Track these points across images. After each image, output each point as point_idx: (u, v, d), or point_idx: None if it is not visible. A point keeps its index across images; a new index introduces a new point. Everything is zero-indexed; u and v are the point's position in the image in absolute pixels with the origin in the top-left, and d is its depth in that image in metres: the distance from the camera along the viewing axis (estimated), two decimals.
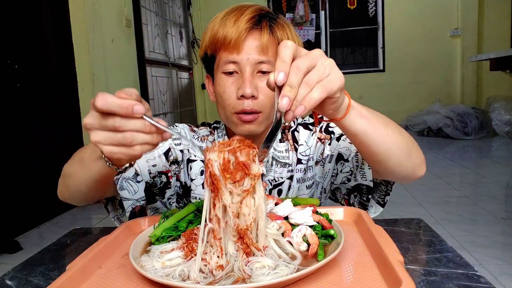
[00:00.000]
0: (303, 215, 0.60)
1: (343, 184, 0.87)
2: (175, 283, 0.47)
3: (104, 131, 0.50)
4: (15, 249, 2.30)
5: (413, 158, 0.70)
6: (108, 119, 0.49)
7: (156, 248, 0.58)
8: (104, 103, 0.48)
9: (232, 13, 0.79)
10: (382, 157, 0.67)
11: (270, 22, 0.80)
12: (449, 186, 3.19)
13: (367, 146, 0.65)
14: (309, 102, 0.49)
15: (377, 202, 0.85)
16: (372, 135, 0.63)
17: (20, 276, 0.59)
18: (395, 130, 0.67)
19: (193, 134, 0.93)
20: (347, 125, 0.61)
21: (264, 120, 0.81)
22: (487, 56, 3.37)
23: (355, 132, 0.62)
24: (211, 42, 0.80)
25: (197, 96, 6.10)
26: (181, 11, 5.70)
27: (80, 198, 0.74)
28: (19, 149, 2.68)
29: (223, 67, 0.79)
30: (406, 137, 0.69)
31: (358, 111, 0.61)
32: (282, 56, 0.49)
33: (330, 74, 0.51)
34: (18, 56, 2.69)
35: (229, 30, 0.77)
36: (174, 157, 0.88)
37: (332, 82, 0.51)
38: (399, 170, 0.70)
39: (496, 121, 5.36)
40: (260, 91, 0.78)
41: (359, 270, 0.51)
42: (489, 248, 2.00)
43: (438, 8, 6.04)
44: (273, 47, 0.80)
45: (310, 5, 6.12)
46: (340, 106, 0.57)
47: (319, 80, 0.50)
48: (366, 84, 6.28)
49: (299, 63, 0.49)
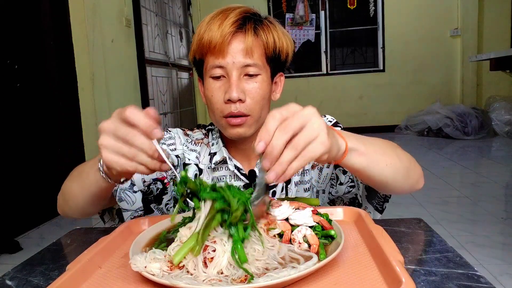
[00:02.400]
0: (303, 216, 0.60)
1: (346, 194, 0.87)
2: (175, 283, 0.47)
3: (114, 138, 0.53)
4: (15, 249, 2.30)
5: (412, 178, 0.72)
6: (126, 128, 0.52)
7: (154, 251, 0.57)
8: (132, 113, 0.52)
9: (217, 17, 0.78)
10: (382, 184, 0.69)
11: (255, 24, 0.79)
12: (449, 186, 3.19)
13: (367, 178, 0.67)
14: (289, 171, 0.50)
15: (375, 208, 0.86)
16: (372, 170, 0.64)
17: (20, 276, 0.58)
18: (394, 157, 0.68)
19: (186, 138, 0.92)
20: (347, 165, 0.62)
21: (253, 123, 0.81)
22: (487, 56, 3.36)
23: (354, 169, 0.64)
24: (198, 47, 0.80)
25: (197, 96, 6.10)
26: (181, 11, 5.70)
27: (79, 212, 0.76)
28: (19, 149, 2.68)
29: (210, 72, 0.79)
30: (404, 160, 0.70)
31: (357, 151, 0.61)
32: (267, 125, 0.50)
33: (314, 140, 0.51)
34: (18, 56, 2.69)
35: (213, 35, 0.76)
36: (170, 163, 0.88)
37: (313, 150, 0.51)
38: (398, 190, 0.73)
39: (496, 121, 5.36)
40: (248, 94, 0.78)
41: (359, 270, 0.51)
42: (489, 248, 2.00)
43: (438, 8, 6.03)
44: (259, 49, 0.79)
45: (310, 5, 6.12)
46: (336, 154, 0.58)
47: (304, 146, 0.50)
48: (366, 84, 6.28)
49: (286, 125, 0.50)
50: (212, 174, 0.89)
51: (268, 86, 0.82)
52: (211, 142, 0.91)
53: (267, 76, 0.82)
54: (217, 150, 0.89)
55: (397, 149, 0.71)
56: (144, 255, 0.54)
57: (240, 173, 0.86)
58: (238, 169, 0.86)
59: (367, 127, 6.25)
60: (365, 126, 6.25)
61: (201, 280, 0.49)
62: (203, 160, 0.90)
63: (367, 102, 6.31)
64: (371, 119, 6.32)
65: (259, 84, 0.80)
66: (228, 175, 0.88)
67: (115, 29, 3.63)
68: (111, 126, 0.53)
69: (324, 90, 6.35)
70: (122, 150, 0.53)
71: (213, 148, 0.90)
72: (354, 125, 6.09)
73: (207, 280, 0.48)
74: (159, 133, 0.53)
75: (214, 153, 0.89)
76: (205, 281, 0.48)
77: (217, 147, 0.89)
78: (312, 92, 6.35)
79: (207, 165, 0.89)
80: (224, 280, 0.49)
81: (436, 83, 6.16)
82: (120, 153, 0.53)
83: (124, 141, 0.53)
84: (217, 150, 0.89)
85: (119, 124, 0.53)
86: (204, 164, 0.90)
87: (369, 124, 6.29)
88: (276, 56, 0.83)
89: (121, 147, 0.53)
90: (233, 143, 0.88)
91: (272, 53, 0.81)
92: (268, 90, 0.83)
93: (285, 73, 0.91)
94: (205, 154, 0.91)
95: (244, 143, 0.87)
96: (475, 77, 5.96)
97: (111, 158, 0.53)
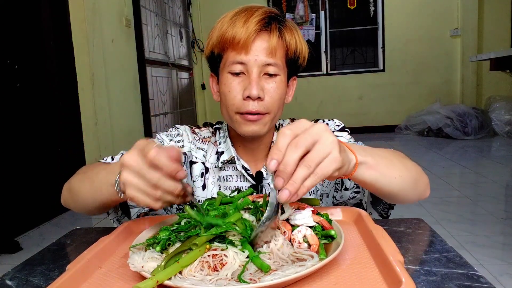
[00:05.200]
0: (303, 216, 0.60)
1: (350, 200, 0.87)
2: (175, 283, 0.47)
3: (138, 177, 0.53)
4: (15, 249, 2.30)
5: (419, 188, 0.72)
6: (151, 171, 0.53)
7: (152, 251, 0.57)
8: (157, 157, 0.52)
9: (242, 14, 0.78)
10: (391, 196, 0.69)
11: (280, 25, 0.80)
12: (449, 186, 3.19)
13: (376, 191, 0.67)
14: (301, 190, 0.49)
15: (380, 214, 0.86)
16: (381, 182, 0.64)
17: (20, 276, 0.58)
18: (402, 169, 0.67)
19: (194, 135, 0.92)
20: (356, 178, 0.62)
21: (269, 121, 0.81)
22: (487, 56, 3.37)
23: (364, 183, 0.63)
24: (219, 41, 0.80)
25: (197, 96, 6.10)
26: (181, 11, 5.70)
27: (84, 211, 0.77)
28: (19, 149, 2.68)
29: (230, 67, 0.79)
30: (412, 171, 0.70)
31: (366, 165, 0.61)
32: (278, 143, 0.50)
33: (326, 158, 0.50)
34: (18, 56, 2.69)
35: (238, 31, 0.76)
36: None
37: (326, 168, 0.50)
38: (406, 200, 0.73)
39: (496, 121, 5.36)
40: (266, 93, 0.78)
41: (359, 270, 0.51)
42: (489, 248, 2.00)
43: (438, 8, 6.04)
44: (281, 50, 0.80)
45: (310, 5, 6.12)
46: (347, 170, 0.57)
47: (317, 164, 0.50)
48: (366, 84, 6.28)
49: (298, 141, 0.50)
50: (219, 173, 0.88)
51: (285, 88, 0.83)
52: (218, 141, 0.91)
53: (285, 78, 0.83)
54: (225, 149, 0.88)
55: (405, 159, 0.71)
56: (141, 255, 0.54)
57: (247, 173, 0.86)
58: (245, 170, 0.86)
59: (367, 127, 6.25)
60: (365, 126, 6.25)
61: (208, 280, 0.48)
62: (210, 159, 0.90)
63: (367, 102, 6.31)
64: (371, 119, 6.32)
65: (278, 84, 0.80)
66: (235, 175, 0.87)
67: (115, 29, 3.63)
68: (135, 165, 0.53)
69: (324, 90, 6.35)
70: (147, 191, 0.53)
71: (220, 147, 0.89)
72: (354, 125, 6.09)
73: (214, 280, 0.48)
74: (183, 174, 0.54)
75: (221, 152, 0.88)
76: (211, 280, 0.48)
77: (224, 146, 0.89)
78: (312, 92, 6.34)
79: (213, 164, 0.89)
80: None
81: (436, 83, 6.16)
82: (146, 193, 0.54)
83: (151, 184, 0.53)
84: (225, 149, 0.88)
85: (144, 167, 0.53)
86: (210, 163, 0.90)
87: (369, 124, 6.29)
88: (295, 59, 0.84)
89: (147, 189, 0.53)
90: (241, 143, 0.88)
91: (292, 56, 0.82)
92: (284, 92, 0.83)
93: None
94: (212, 153, 0.90)
95: (253, 143, 0.87)
96: (475, 77, 5.95)
97: (137, 196, 0.54)
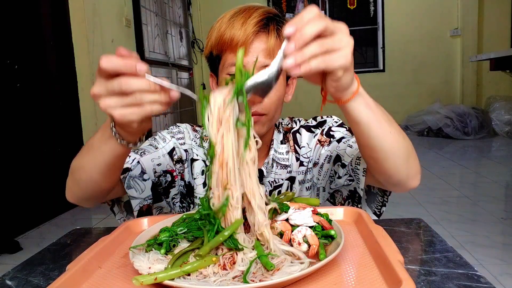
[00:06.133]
0: (303, 216, 0.60)
1: (345, 186, 0.86)
2: (175, 283, 0.47)
3: (112, 96, 0.51)
4: (15, 249, 2.30)
5: (410, 165, 0.69)
6: (114, 81, 0.50)
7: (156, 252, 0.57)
8: (109, 63, 0.49)
9: (240, 15, 0.78)
10: (380, 154, 0.65)
11: (278, 25, 0.80)
12: (449, 186, 3.20)
13: (367, 139, 0.63)
14: (305, 67, 0.49)
15: (374, 212, 0.86)
16: (375, 129, 0.62)
17: (20, 276, 0.58)
18: (399, 132, 0.66)
19: (195, 133, 0.93)
20: (351, 111, 0.60)
21: (267, 122, 0.81)
22: (487, 56, 3.36)
23: (358, 120, 0.61)
24: (217, 43, 0.80)
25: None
26: (181, 11, 5.70)
27: (92, 191, 0.71)
28: (19, 149, 2.68)
29: (228, 69, 0.79)
30: (407, 142, 0.68)
31: (365, 100, 0.60)
32: (302, 14, 0.49)
33: (339, 50, 0.50)
34: (18, 56, 2.69)
35: (236, 32, 0.76)
36: (178, 156, 0.88)
37: (335, 59, 0.50)
38: (394, 173, 0.68)
39: (496, 121, 5.36)
40: None
41: (359, 270, 0.51)
42: (489, 248, 2.00)
43: (438, 8, 6.04)
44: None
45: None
46: (345, 88, 0.56)
47: (328, 49, 0.49)
48: (366, 84, 6.08)
49: (320, 20, 0.48)
50: None
51: (283, 88, 0.83)
52: None
53: (283, 78, 0.83)
54: None
55: (403, 132, 0.69)
56: (146, 256, 0.54)
57: None
58: None
59: None
60: None
61: (212, 281, 0.48)
62: None
63: None
64: None
65: (276, 85, 0.80)
66: None
67: (115, 29, 3.64)
68: (101, 88, 0.51)
69: None
70: (126, 102, 0.51)
71: None
72: None
73: (219, 281, 0.48)
74: (143, 66, 0.51)
75: None
76: (216, 282, 0.48)
77: None
78: (312, 91, 6.32)
79: None
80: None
81: (436, 83, 6.16)
82: (126, 105, 0.51)
83: (122, 93, 0.51)
84: None
85: (105, 82, 0.51)
86: None
87: None
88: None
89: (123, 99, 0.51)
90: None
91: None
92: (283, 92, 0.83)
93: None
94: None
95: None
96: (475, 77, 5.96)
97: (123, 113, 0.51)
